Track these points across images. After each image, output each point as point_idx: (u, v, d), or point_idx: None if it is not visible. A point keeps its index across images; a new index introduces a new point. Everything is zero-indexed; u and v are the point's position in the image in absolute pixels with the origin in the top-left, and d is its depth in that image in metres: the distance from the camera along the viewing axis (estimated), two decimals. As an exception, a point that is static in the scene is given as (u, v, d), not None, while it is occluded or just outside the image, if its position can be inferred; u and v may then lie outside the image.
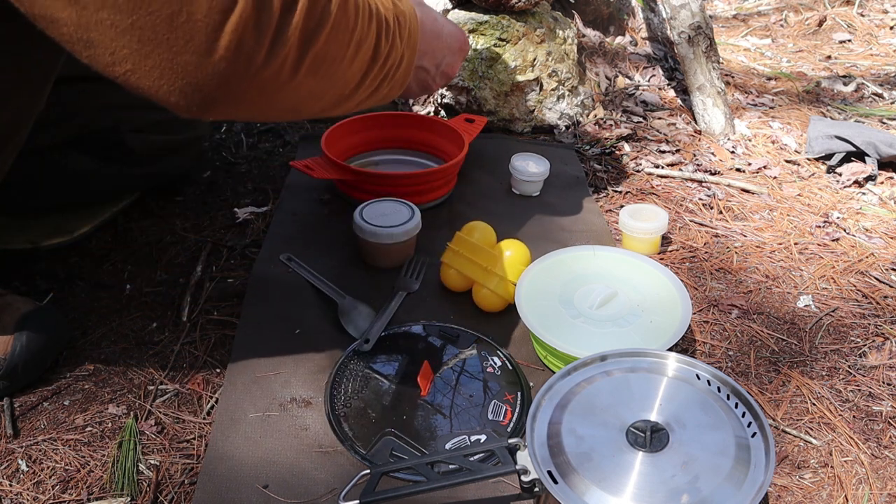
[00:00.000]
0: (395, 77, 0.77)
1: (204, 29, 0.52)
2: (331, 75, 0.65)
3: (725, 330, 0.99)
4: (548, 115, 1.51)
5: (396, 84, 0.78)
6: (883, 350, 0.97)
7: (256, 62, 0.56)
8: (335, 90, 0.68)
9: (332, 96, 0.69)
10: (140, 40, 0.51)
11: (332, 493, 0.73)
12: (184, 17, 0.51)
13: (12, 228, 1.06)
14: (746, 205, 1.29)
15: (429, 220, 1.12)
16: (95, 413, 0.83)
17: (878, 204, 1.31)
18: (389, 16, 0.73)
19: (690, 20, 1.55)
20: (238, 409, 0.82)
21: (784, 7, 2.37)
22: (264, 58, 0.57)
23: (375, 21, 0.69)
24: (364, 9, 0.67)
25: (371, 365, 0.88)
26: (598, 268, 0.97)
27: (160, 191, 1.22)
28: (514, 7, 1.44)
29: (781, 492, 0.78)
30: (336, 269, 1.04)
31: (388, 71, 0.75)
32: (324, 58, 0.63)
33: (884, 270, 1.12)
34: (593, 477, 0.64)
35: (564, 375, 0.75)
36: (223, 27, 0.53)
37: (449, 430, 0.80)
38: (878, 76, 1.91)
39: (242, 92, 0.57)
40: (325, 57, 0.63)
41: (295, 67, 0.60)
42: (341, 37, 0.64)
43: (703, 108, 1.55)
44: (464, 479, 0.68)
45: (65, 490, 0.74)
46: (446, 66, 0.98)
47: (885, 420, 0.86)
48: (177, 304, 1.00)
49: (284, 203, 1.20)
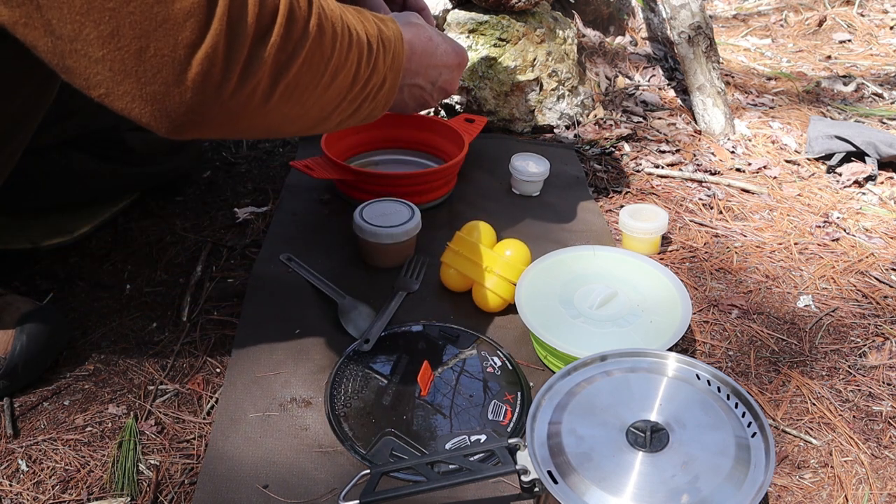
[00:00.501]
0: (376, 99, 0.77)
1: (171, 63, 0.55)
2: (304, 101, 0.66)
3: (725, 330, 0.99)
4: (548, 115, 1.51)
5: (379, 105, 0.79)
6: (883, 350, 0.97)
7: (225, 92, 0.58)
8: (311, 114, 0.69)
9: (307, 119, 0.70)
10: (111, 70, 0.54)
11: (332, 493, 0.73)
12: (151, 52, 0.54)
13: (12, 228, 1.06)
14: (746, 205, 1.29)
15: (429, 220, 1.12)
16: (95, 413, 0.83)
17: (878, 204, 1.31)
18: (373, 41, 0.73)
19: (690, 20, 1.55)
20: (238, 409, 0.82)
21: (784, 7, 2.37)
22: (234, 88, 0.58)
23: (356, 48, 0.70)
24: (343, 36, 0.67)
25: (371, 365, 0.88)
26: (598, 268, 0.97)
27: (160, 191, 1.22)
28: (514, 7, 1.44)
29: (781, 492, 0.78)
30: (336, 269, 1.04)
31: (369, 94, 0.75)
32: (297, 86, 0.64)
33: (884, 270, 1.12)
34: (593, 477, 0.64)
35: (564, 375, 0.75)
36: (190, 60, 0.55)
37: (449, 430, 0.80)
38: (878, 76, 1.91)
39: (212, 118, 0.59)
40: (298, 85, 0.64)
41: (266, 96, 0.61)
42: (316, 66, 0.65)
43: (703, 108, 1.55)
44: (464, 479, 0.68)
45: (65, 490, 0.74)
46: (443, 83, 1.00)
47: (885, 420, 0.86)
48: (177, 304, 1.00)
49: (284, 203, 1.20)
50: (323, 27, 0.64)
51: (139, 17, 0.53)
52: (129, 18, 0.53)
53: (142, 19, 0.53)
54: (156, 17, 0.53)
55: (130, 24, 0.53)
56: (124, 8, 0.52)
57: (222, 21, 0.55)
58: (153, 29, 0.53)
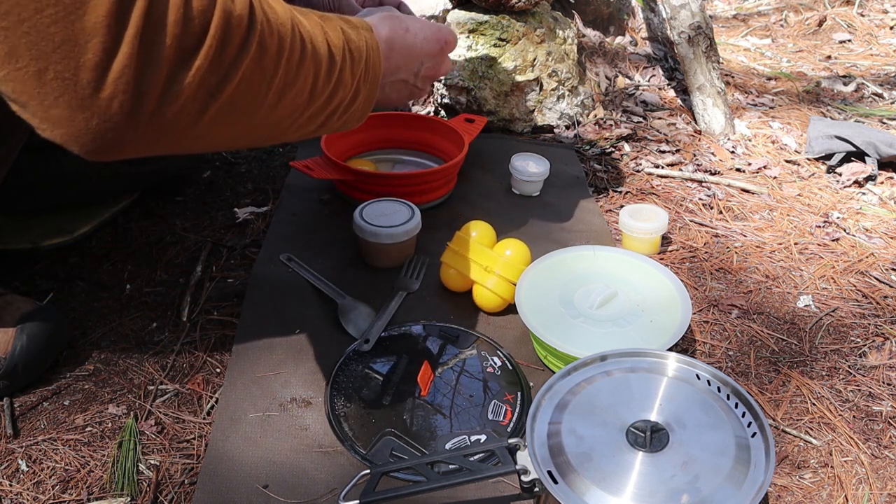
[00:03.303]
0: (349, 112, 0.73)
1: (73, 87, 0.51)
2: (247, 121, 0.62)
3: (725, 330, 0.99)
4: (548, 115, 1.51)
5: (354, 117, 0.75)
6: (883, 350, 0.97)
7: (140, 117, 0.54)
8: (258, 132, 0.65)
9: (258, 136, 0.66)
10: (15, 91, 0.51)
11: (332, 493, 0.73)
12: (51, 75, 0.51)
13: (12, 228, 1.06)
14: (746, 205, 1.29)
15: (429, 220, 1.12)
16: (95, 413, 0.83)
17: (878, 204, 1.31)
18: (337, 53, 0.68)
19: (690, 20, 1.55)
20: (238, 409, 0.82)
21: (784, 7, 2.37)
22: (151, 113, 0.54)
23: (310, 62, 0.65)
24: (293, 51, 0.63)
25: (371, 365, 0.88)
26: (598, 268, 0.97)
27: (160, 191, 1.22)
28: (514, 7, 1.44)
29: (781, 492, 0.78)
30: (336, 269, 1.04)
31: (337, 108, 0.71)
32: (233, 107, 0.59)
33: (884, 270, 1.12)
34: (593, 477, 0.64)
35: (564, 375, 0.75)
36: (98, 84, 0.52)
37: (449, 430, 0.80)
38: (878, 76, 1.91)
39: (130, 142, 0.56)
40: (235, 107, 0.59)
41: (194, 119, 0.57)
42: (256, 86, 0.60)
43: (703, 108, 1.55)
44: (464, 479, 0.68)
45: (65, 490, 0.74)
46: (427, 70, 0.94)
47: (885, 420, 0.86)
48: (177, 304, 1.00)
49: (284, 203, 1.20)
50: (265, 44, 0.59)
51: (35, 38, 0.49)
52: (25, 39, 0.49)
53: (37, 40, 0.49)
54: (52, 37, 0.49)
55: (26, 44, 0.49)
56: (18, 28, 0.49)
57: (133, 44, 0.51)
58: (51, 50, 0.50)
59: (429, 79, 0.96)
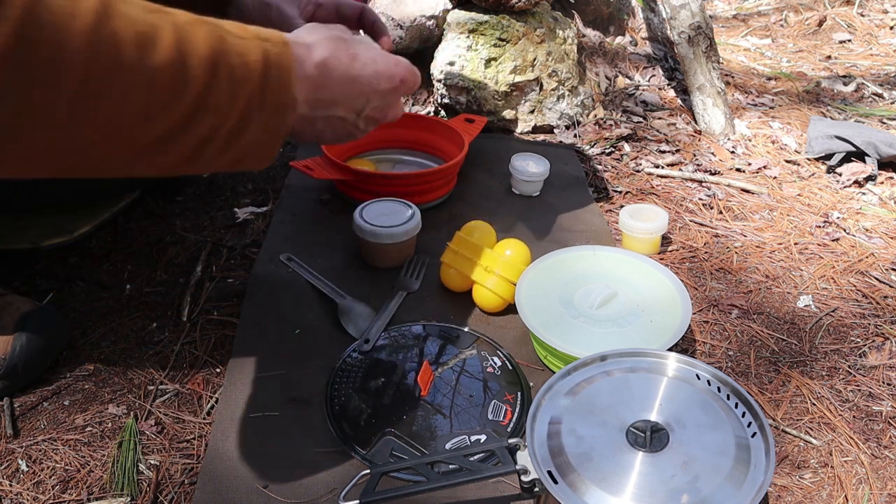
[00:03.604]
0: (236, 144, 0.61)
1: None
2: (38, 141, 0.52)
3: (725, 330, 0.99)
4: (548, 115, 1.51)
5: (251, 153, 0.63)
6: (883, 350, 0.97)
7: None
8: (71, 157, 0.55)
9: (70, 162, 0.55)
10: None
11: (332, 493, 0.73)
12: None
13: (12, 228, 1.06)
14: (746, 205, 1.29)
15: (429, 220, 1.12)
16: (95, 413, 0.83)
17: (878, 204, 1.31)
18: (194, 65, 0.56)
19: (690, 20, 1.55)
20: (238, 409, 0.82)
21: (784, 7, 2.37)
22: None
23: (136, 72, 0.53)
24: (101, 53, 0.51)
25: (371, 365, 0.88)
26: (598, 268, 0.97)
27: (160, 191, 1.22)
28: (514, 7, 1.44)
29: (781, 492, 0.78)
30: (336, 269, 1.04)
31: (209, 137, 0.59)
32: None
33: (884, 270, 1.12)
34: (593, 477, 0.64)
35: (564, 375, 0.75)
36: None
37: (449, 430, 0.80)
38: (878, 76, 1.91)
39: None
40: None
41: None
42: (25, 96, 0.49)
43: (703, 108, 1.55)
44: (464, 479, 0.68)
45: (65, 490, 0.74)
46: (372, 111, 0.76)
47: (885, 420, 0.86)
48: (177, 304, 1.00)
49: (284, 203, 1.20)
50: (30, 39, 0.47)
51: None
52: None
53: None
54: None
55: None
56: None
57: None
58: None
59: (373, 120, 0.78)
